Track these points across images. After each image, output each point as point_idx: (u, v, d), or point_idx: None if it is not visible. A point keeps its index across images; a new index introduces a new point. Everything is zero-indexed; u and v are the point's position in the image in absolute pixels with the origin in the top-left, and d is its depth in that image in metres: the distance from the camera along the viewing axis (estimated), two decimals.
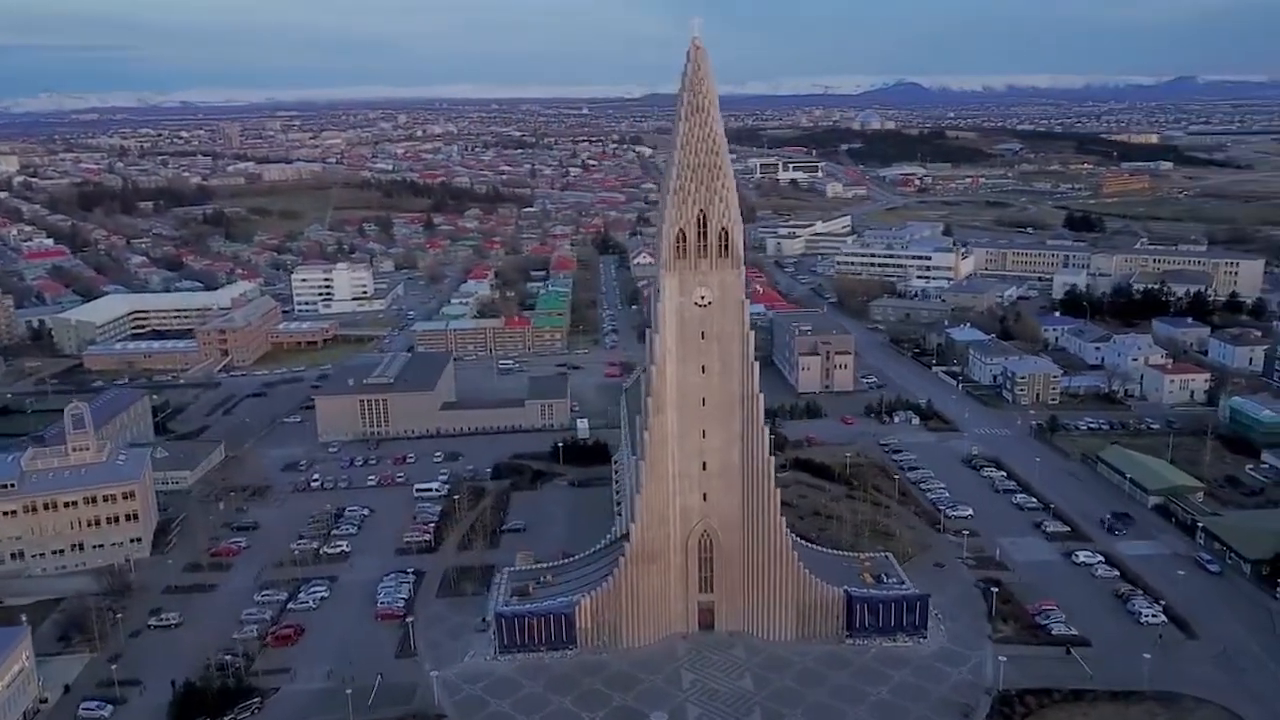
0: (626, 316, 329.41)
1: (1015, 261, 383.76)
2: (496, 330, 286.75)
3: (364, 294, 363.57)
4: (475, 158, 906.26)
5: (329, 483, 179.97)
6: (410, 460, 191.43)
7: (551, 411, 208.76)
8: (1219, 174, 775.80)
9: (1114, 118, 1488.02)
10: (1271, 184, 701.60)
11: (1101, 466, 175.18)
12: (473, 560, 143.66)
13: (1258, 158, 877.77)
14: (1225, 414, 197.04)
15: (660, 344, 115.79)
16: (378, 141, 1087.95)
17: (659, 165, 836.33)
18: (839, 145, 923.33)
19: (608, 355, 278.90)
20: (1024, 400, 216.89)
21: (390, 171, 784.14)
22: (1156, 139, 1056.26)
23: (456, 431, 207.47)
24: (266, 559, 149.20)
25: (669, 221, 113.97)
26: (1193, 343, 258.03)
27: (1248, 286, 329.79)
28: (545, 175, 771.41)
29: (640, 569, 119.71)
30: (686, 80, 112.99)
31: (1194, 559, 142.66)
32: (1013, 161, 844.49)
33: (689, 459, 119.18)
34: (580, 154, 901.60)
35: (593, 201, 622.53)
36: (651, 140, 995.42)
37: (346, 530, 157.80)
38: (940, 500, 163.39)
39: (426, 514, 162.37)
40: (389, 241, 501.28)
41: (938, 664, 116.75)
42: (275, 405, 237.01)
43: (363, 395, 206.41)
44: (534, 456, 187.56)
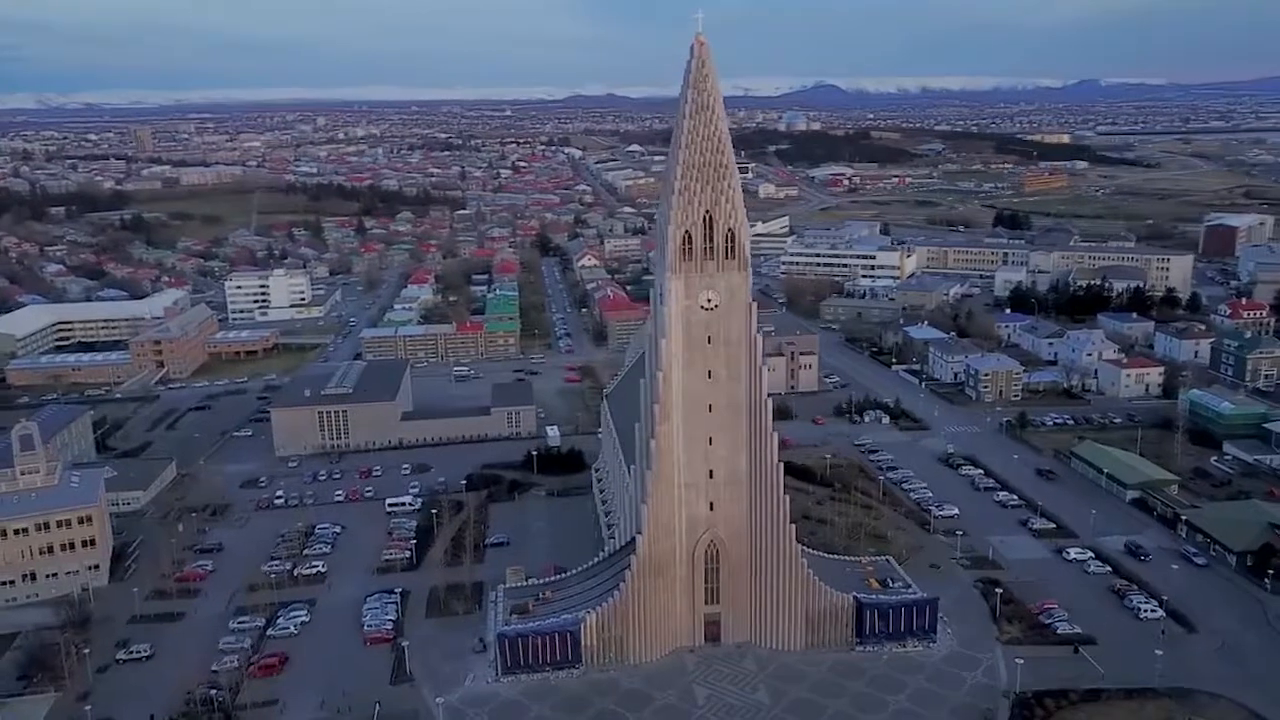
0: (577, 320, 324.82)
1: (956, 259, 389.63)
2: (448, 336, 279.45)
3: (302, 301, 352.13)
4: (402, 160, 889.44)
5: (293, 499, 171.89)
6: (377, 473, 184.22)
7: (518, 419, 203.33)
8: (1130, 172, 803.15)
9: (1025, 118, 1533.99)
10: (1181, 182, 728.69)
11: (1076, 462, 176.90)
12: (458, 577, 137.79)
13: (1164, 157, 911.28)
14: (1185, 407, 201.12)
15: (666, 349, 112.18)
16: (299, 144, 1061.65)
17: (590, 167, 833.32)
18: (767, 146, 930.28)
19: (563, 359, 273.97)
20: (988, 397, 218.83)
21: (315, 175, 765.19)
22: (1068, 139, 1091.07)
23: (419, 442, 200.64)
24: (237, 582, 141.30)
25: (674, 223, 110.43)
26: (1138, 337, 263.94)
27: (1178, 281, 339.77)
28: (476, 177, 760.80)
29: (647, 582, 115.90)
30: (690, 77, 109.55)
31: (1179, 552, 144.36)
32: (936, 161, 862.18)
33: (695, 467, 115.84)
34: (509, 156, 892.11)
35: (527, 203, 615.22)
36: (580, 142, 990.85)
37: (320, 549, 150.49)
38: (925, 500, 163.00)
39: (403, 530, 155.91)
40: (321, 246, 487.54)
41: (950, 668, 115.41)
42: (222, 418, 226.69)
43: (321, 407, 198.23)
44: (506, 466, 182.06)
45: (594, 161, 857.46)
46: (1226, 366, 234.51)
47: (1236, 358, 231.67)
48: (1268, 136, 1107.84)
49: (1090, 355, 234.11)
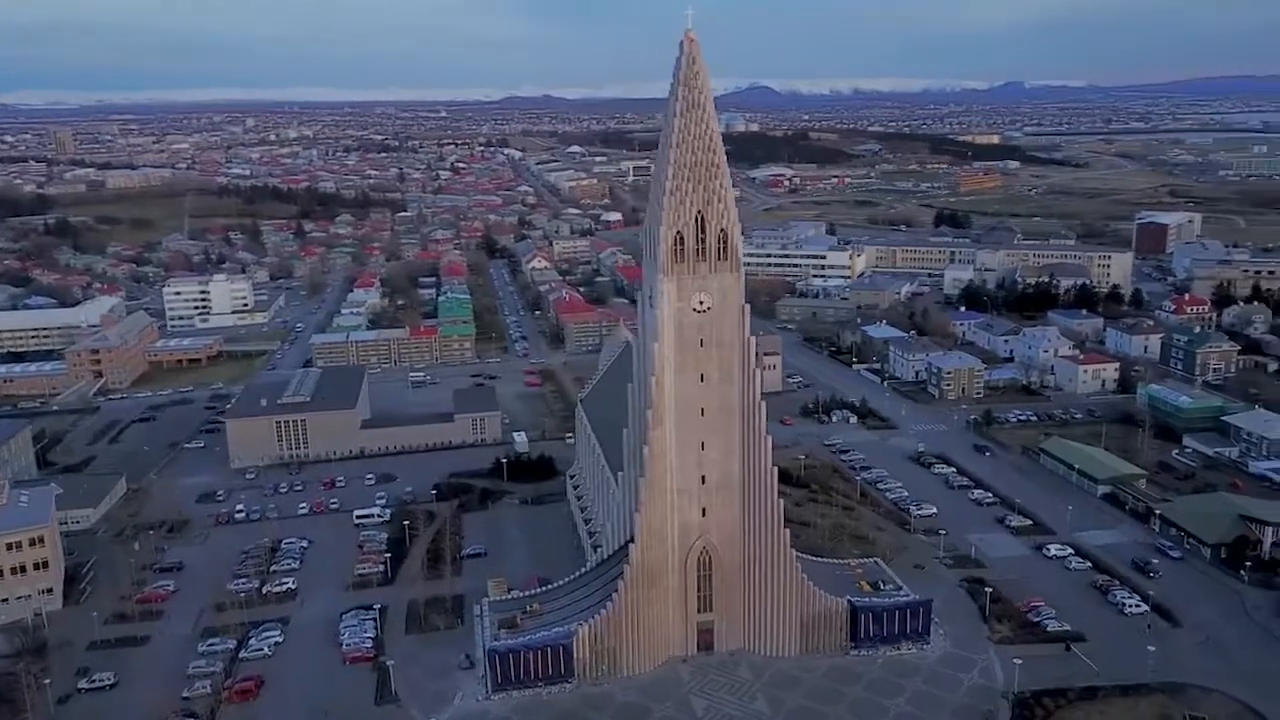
0: (531, 323, 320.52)
1: (905, 258, 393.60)
2: (401, 341, 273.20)
3: (245, 307, 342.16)
4: (338, 162, 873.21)
5: (254, 513, 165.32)
6: (340, 484, 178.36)
7: (483, 426, 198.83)
8: (1060, 172, 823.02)
9: (955, 119, 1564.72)
10: (1109, 181, 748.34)
11: (1045, 458, 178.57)
12: (437, 591, 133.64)
13: (1091, 157, 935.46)
14: (1144, 402, 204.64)
15: (659, 353, 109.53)
16: (230, 146, 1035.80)
17: (531, 168, 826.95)
18: None
19: (521, 363, 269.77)
20: (951, 395, 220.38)
21: (249, 177, 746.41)
22: (998, 139, 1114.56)
23: (381, 451, 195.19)
24: (202, 602, 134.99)
25: (665, 224, 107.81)
26: (1088, 334, 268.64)
27: (1120, 278, 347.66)
28: (415, 179, 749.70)
29: (640, 592, 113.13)
30: (680, 75, 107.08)
31: (1154, 546, 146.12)
32: (873, 162, 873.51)
33: (688, 473, 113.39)
34: (448, 157, 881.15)
35: (469, 205, 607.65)
36: (519, 143, 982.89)
37: (288, 565, 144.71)
38: (901, 500, 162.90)
39: (373, 542, 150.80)
40: (260, 250, 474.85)
41: (947, 670, 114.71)
42: (169, 430, 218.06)
43: (278, 416, 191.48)
44: (475, 474, 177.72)
45: (534, 162, 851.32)
46: (1176, 361, 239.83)
47: (1186, 352, 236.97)
48: (1186, 137, 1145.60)
49: (1046, 352, 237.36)
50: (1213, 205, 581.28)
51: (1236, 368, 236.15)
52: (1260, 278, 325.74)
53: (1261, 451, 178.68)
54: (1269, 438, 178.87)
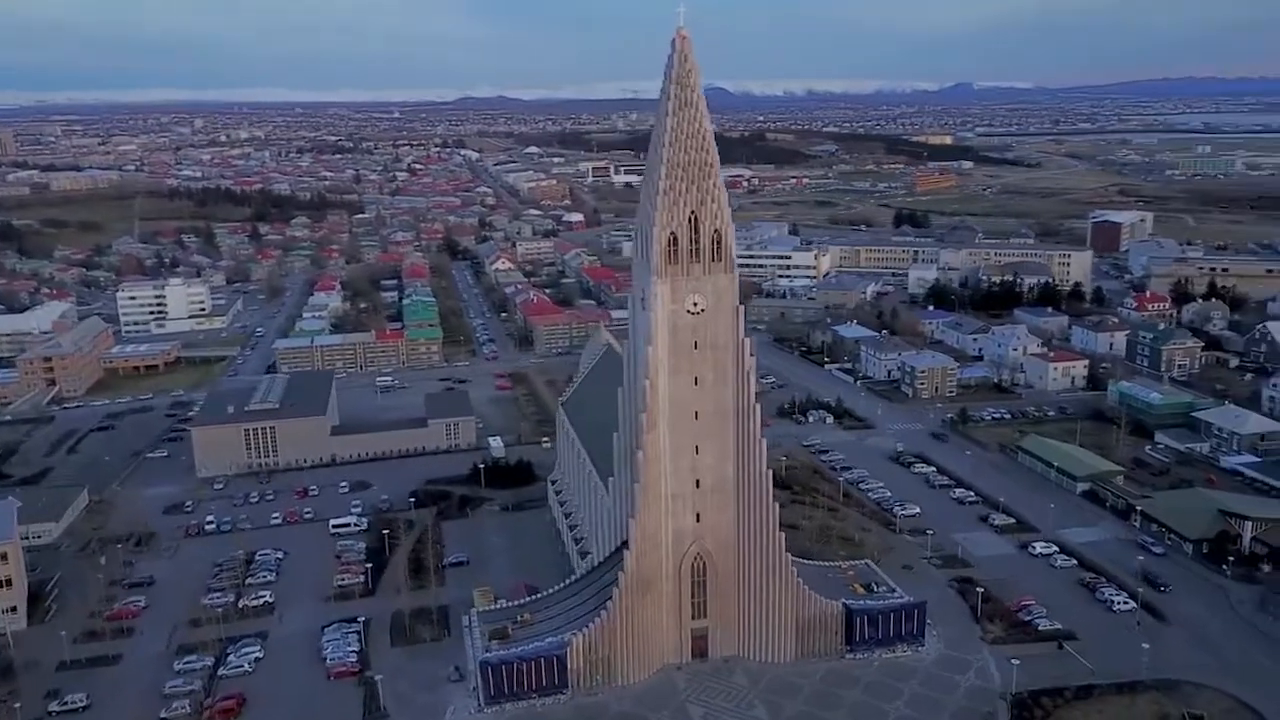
0: (497, 325, 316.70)
1: (868, 258, 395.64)
2: (367, 344, 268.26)
3: (202, 311, 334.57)
4: (291, 163, 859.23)
5: (225, 524, 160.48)
6: (313, 492, 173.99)
7: (457, 431, 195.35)
8: (1013, 172, 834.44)
9: (908, 120, 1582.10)
10: (1062, 180, 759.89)
11: (1023, 456, 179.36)
12: (421, 601, 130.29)
13: (1042, 157, 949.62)
14: (1115, 398, 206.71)
15: (653, 356, 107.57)
16: (179, 147, 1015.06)
17: (489, 169, 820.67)
18: None
19: (490, 367, 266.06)
20: (924, 394, 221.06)
21: (200, 179, 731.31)
22: (950, 140, 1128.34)
23: (353, 458, 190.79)
24: (176, 618, 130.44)
25: (659, 225, 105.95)
26: (1054, 332, 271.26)
27: (1079, 276, 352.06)
28: (371, 180, 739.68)
29: (635, 599, 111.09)
30: (672, 73, 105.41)
31: (1136, 542, 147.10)
32: (830, 162, 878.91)
33: (682, 478, 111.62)
34: (404, 158, 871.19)
35: (428, 206, 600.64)
36: (476, 143, 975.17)
37: (264, 577, 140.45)
38: (884, 500, 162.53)
39: (351, 553, 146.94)
40: (215, 254, 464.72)
41: (943, 672, 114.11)
42: (129, 439, 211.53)
43: (246, 424, 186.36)
44: (452, 481, 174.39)
45: (492, 163, 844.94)
46: (1142, 358, 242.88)
47: (1152, 349, 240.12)
48: (1132, 137, 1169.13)
49: (1016, 350, 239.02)
50: (1162, 204, 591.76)
51: (1200, 364, 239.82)
52: (1216, 275, 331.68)
53: (1232, 446, 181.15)
54: (1240, 433, 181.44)
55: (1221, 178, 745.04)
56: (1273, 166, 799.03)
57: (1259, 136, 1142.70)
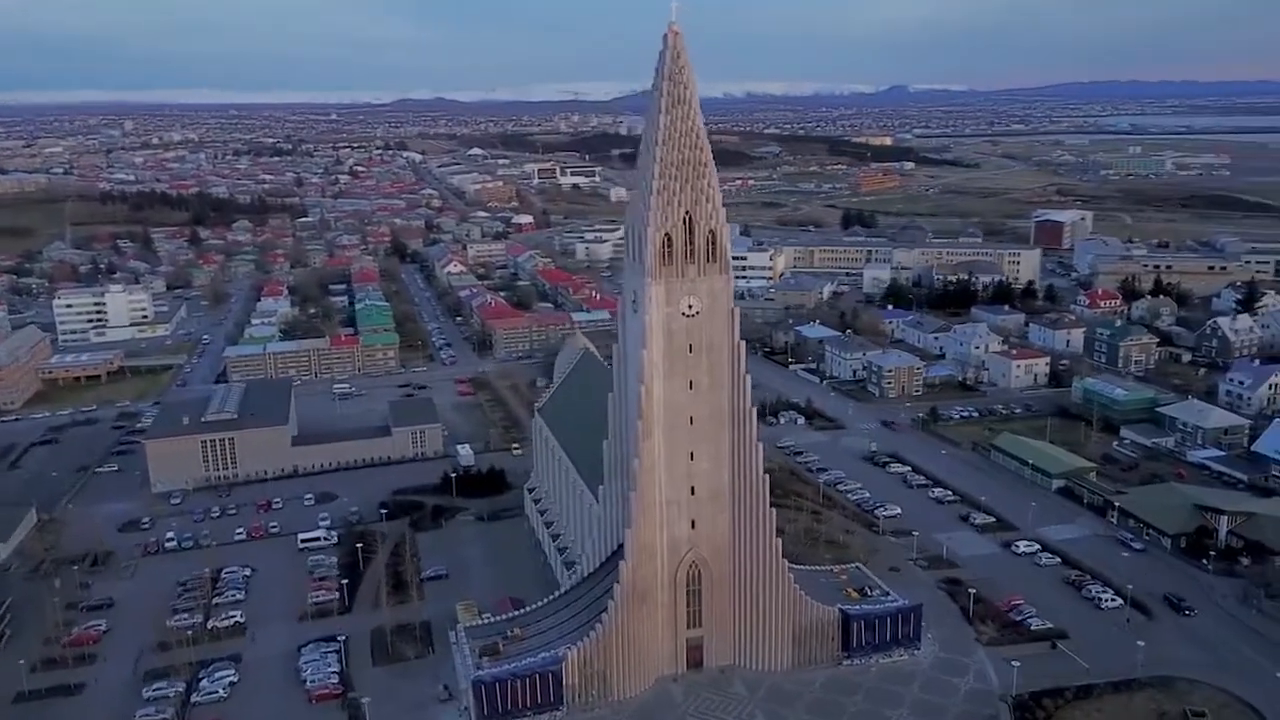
0: (453, 329, 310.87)
1: (822, 258, 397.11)
2: (322, 351, 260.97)
3: (144, 319, 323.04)
4: (228, 166, 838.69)
5: (186, 541, 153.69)
6: (277, 506, 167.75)
7: (423, 439, 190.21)
8: (953, 172, 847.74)
9: (847, 122, 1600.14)
10: (1001, 180, 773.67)
11: (996, 454, 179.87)
12: (402, 617, 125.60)
13: (980, 158, 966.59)
14: (1079, 395, 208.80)
15: (647, 360, 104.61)
16: (109, 150, 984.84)
17: (432, 171, 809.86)
18: (610, 150, 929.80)
19: (450, 372, 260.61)
20: (891, 393, 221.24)
21: (133, 182, 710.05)
22: (890, 141, 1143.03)
23: (316, 469, 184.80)
24: (142, 642, 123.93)
25: (653, 225, 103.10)
26: (1011, 329, 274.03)
27: (1029, 274, 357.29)
28: (313, 183, 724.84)
29: (631, 611, 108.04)
30: (665, 70, 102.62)
31: (1115, 538, 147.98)
32: (775, 163, 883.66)
33: (677, 484, 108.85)
34: (345, 160, 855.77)
35: (373, 209, 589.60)
36: (417, 145, 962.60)
37: (232, 596, 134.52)
38: (864, 501, 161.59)
39: (323, 568, 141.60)
40: (154, 259, 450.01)
41: (941, 675, 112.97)
42: (75, 453, 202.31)
43: (204, 435, 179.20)
44: (422, 490, 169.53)
45: (436, 165, 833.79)
46: (1099, 354, 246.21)
47: (1109, 346, 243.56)
48: (1064, 138, 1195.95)
49: (978, 348, 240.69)
50: (1099, 203, 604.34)
51: (1155, 359, 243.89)
52: (1161, 272, 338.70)
53: (1197, 441, 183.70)
54: (1204, 427, 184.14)
55: (1153, 177, 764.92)
56: (1200, 166, 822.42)
57: (1184, 137, 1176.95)
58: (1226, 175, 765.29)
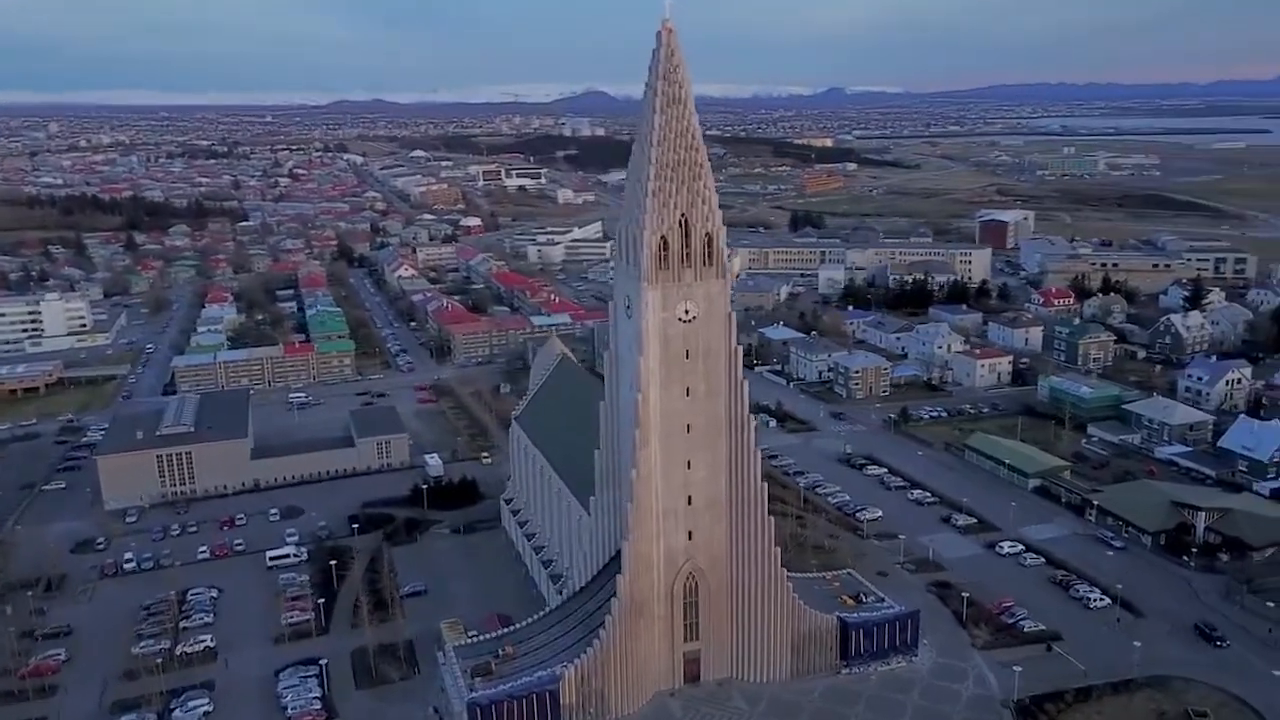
0: (408, 335, 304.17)
1: (776, 259, 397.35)
2: (275, 359, 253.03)
3: (82, 327, 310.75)
4: (162, 169, 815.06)
5: (146, 562, 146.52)
6: (240, 522, 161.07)
7: (388, 449, 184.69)
8: (895, 173, 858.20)
9: (787, 123, 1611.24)
10: (942, 181, 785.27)
11: (970, 454, 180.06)
12: (384, 637, 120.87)
13: (920, 159, 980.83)
14: (1045, 393, 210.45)
15: (644, 367, 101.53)
16: (34, 152, 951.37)
17: (375, 173, 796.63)
18: (555, 152, 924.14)
19: (408, 379, 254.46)
20: (859, 394, 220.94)
21: (61, 186, 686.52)
22: (831, 142, 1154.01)
23: (277, 482, 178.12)
24: (105, 671, 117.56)
25: (649, 229, 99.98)
26: (970, 328, 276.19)
27: (980, 273, 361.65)
28: (252, 186, 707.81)
29: (629, 625, 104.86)
30: (659, 68, 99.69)
31: (1095, 537, 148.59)
32: (720, 165, 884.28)
33: (673, 494, 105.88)
34: (284, 163, 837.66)
35: (316, 212, 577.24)
36: (358, 147, 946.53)
37: (200, 619, 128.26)
38: (845, 505, 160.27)
39: (295, 586, 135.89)
40: (89, 266, 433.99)
41: (941, 682, 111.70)
42: (17, 470, 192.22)
43: (160, 449, 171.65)
44: (392, 503, 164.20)
45: (378, 168, 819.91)
46: (1059, 352, 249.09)
47: (1069, 344, 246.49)
48: (1000, 139, 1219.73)
49: (941, 348, 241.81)
50: (1038, 203, 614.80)
51: (1112, 357, 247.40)
52: (1108, 270, 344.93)
53: (1163, 437, 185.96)
54: (1170, 423, 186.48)
55: (1087, 177, 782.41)
56: (1131, 166, 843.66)
57: (1113, 138, 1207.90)
58: (1157, 175, 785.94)
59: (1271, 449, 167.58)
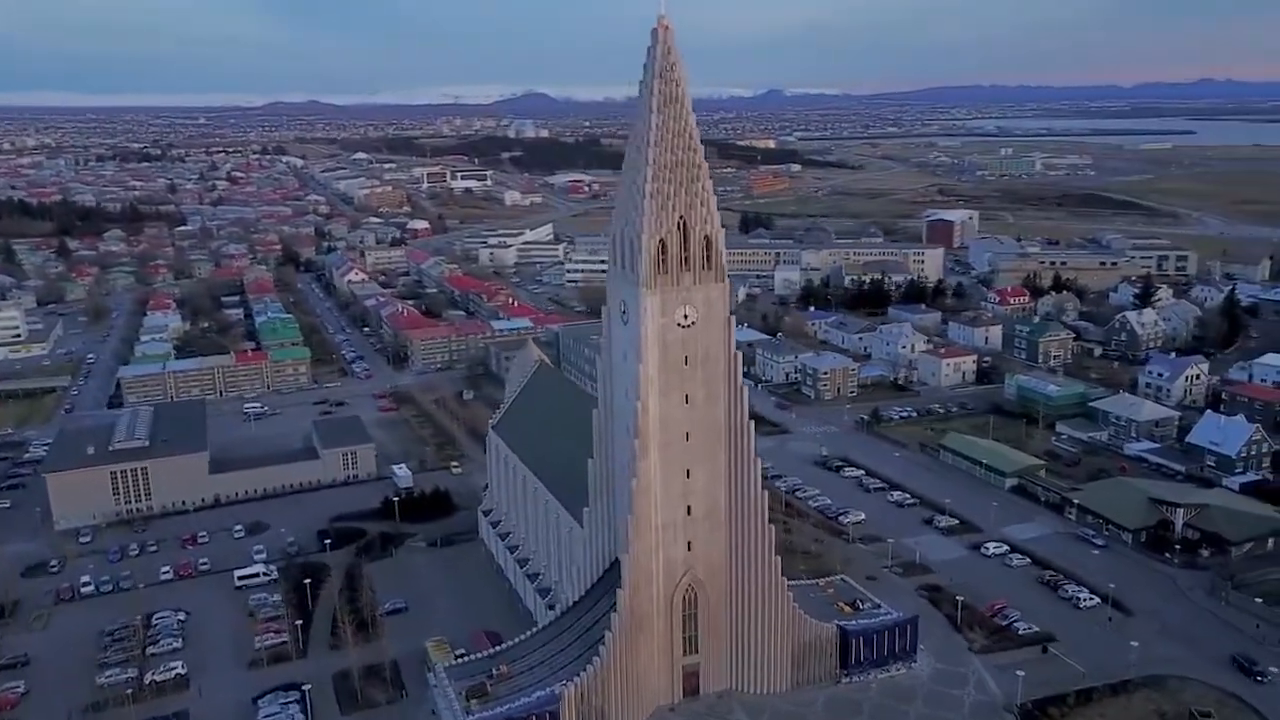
0: (362, 341, 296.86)
1: (731, 261, 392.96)
2: (227, 368, 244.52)
3: (17, 337, 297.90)
4: (93, 172, 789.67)
5: (105, 585, 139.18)
6: (203, 540, 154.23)
7: (355, 460, 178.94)
8: (838, 174, 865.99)
9: (728, 125, 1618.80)
10: (885, 181, 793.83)
11: (946, 454, 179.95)
12: (365, 658, 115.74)
13: (862, 159, 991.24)
14: (1013, 392, 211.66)
15: (643, 375, 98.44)
16: None
17: (316, 176, 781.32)
18: (499, 153, 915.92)
19: (367, 386, 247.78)
20: (828, 395, 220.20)
21: None
22: (774, 144, 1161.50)
23: (238, 497, 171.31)
24: (70, 703, 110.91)
25: (648, 232, 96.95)
26: (930, 327, 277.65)
27: (933, 272, 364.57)
28: (189, 190, 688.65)
29: (629, 640, 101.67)
30: (655, 66, 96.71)
31: (1077, 535, 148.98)
32: None
33: (672, 504, 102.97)
34: (221, 165, 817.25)
35: (257, 216, 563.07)
36: (297, 150, 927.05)
37: (169, 645, 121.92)
38: (826, 508, 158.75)
39: (268, 607, 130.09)
40: (19, 273, 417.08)
41: (942, 688, 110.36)
42: None
43: (113, 465, 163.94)
44: (363, 516, 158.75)
45: (319, 170, 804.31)
46: (1019, 351, 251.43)
47: (1029, 342, 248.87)
48: (938, 140, 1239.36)
49: (905, 348, 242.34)
50: (980, 202, 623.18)
51: (1072, 354, 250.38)
52: (1058, 268, 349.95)
53: (1131, 434, 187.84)
54: (1137, 420, 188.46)
55: (1025, 177, 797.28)
56: (1066, 166, 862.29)
57: (1046, 139, 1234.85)
58: (1092, 175, 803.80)
59: (1238, 444, 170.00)
